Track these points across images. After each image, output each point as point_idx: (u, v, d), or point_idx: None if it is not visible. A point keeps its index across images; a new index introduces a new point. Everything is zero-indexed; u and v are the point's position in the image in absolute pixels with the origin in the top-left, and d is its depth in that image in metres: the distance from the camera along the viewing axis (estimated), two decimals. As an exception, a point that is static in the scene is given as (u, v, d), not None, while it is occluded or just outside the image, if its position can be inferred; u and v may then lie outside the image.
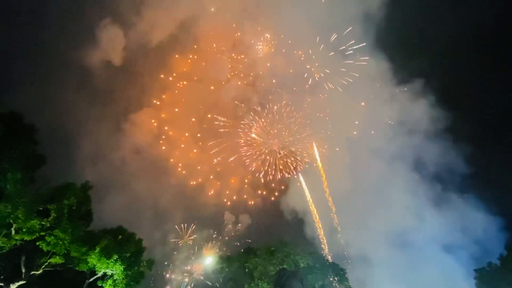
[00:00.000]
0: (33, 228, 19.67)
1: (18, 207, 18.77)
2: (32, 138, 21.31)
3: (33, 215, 19.50)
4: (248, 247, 36.60)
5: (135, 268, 24.03)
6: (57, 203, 20.61)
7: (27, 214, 19.13)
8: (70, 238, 21.03)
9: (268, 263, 32.62)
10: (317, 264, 33.62)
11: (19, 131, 20.20)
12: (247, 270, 33.52)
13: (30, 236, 19.75)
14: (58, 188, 21.22)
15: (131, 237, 24.82)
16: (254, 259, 33.23)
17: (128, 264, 23.28)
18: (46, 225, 20.19)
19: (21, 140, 20.05)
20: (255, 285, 31.91)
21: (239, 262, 34.47)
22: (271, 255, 33.13)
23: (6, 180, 18.70)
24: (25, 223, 19.29)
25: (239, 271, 34.35)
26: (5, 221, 18.83)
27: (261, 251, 34.16)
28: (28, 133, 20.79)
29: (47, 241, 20.54)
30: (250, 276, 33.17)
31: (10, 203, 18.62)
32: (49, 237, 20.54)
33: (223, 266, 36.07)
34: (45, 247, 20.74)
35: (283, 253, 32.98)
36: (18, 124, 20.63)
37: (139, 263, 24.58)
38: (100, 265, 22.26)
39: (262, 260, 32.82)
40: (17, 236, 19.51)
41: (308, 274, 32.78)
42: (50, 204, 20.54)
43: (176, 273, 45.31)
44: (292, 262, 32.83)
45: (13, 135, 19.89)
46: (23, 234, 19.55)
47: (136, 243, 25.13)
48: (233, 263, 35.31)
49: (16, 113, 21.18)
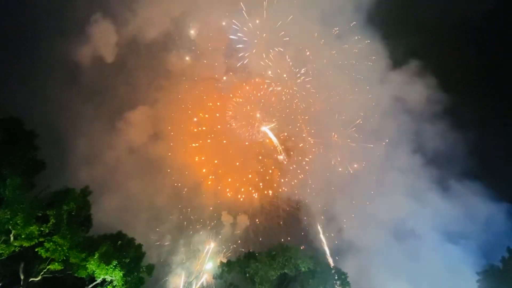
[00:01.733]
0: (32, 234, 19.56)
1: (17, 213, 18.67)
2: (32, 144, 21.36)
3: (32, 221, 19.40)
4: (249, 251, 36.37)
5: (135, 274, 23.82)
6: (56, 209, 20.54)
7: (26, 220, 19.03)
8: (69, 244, 20.87)
9: (269, 268, 32.40)
10: (318, 268, 33.40)
11: (19, 136, 20.23)
12: (248, 275, 33.29)
13: (29, 242, 19.64)
14: (57, 193, 21.16)
15: (130, 243, 24.70)
16: (254, 264, 33.02)
17: (128, 270, 23.07)
18: (45, 231, 20.10)
19: (21, 145, 20.06)
20: (256, 290, 31.72)
21: (239, 267, 34.24)
22: (272, 260, 32.91)
23: (5, 186, 18.66)
24: (24, 229, 19.19)
25: (240, 276, 34.10)
26: (4, 227, 18.71)
27: (261, 255, 33.97)
28: (28, 139, 20.82)
29: (46, 247, 20.41)
30: (251, 281, 32.94)
31: (9, 209, 18.54)
32: (48, 243, 20.40)
33: (223, 271, 35.83)
34: (44, 253, 20.59)
35: (284, 257, 32.77)
36: (18, 130, 20.69)
37: (138, 268, 24.39)
38: (99, 271, 22.06)
39: (263, 265, 32.59)
40: (16, 242, 19.39)
41: (310, 279, 32.55)
42: (49, 210, 20.47)
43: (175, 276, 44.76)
44: (293, 266, 32.63)
45: (13, 141, 19.90)
46: (22, 240, 19.44)
47: (136, 249, 24.99)
48: (233, 268, 35.08)
49: (16, 119, 21.28)
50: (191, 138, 54.66)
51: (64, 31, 44.92)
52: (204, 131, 55.07)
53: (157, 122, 52.68)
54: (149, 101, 52.51)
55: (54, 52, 43.71)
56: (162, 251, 46.89)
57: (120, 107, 49.79)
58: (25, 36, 43.80)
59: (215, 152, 54.62)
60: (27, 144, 20.44)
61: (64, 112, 45.15)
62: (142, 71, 51.90)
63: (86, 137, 46.15)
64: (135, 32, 48.47)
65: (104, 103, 49.24)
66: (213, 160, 54.78)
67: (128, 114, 49.63)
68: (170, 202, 49.78)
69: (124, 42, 48.89)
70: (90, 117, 47.59)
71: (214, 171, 54.41)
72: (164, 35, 50.42)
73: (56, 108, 43.70)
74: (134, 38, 49.16)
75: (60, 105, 44.53)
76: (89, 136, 46.65)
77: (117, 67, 49.48)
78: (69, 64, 46.03)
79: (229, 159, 54.68)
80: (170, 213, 50.05)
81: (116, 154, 48.08)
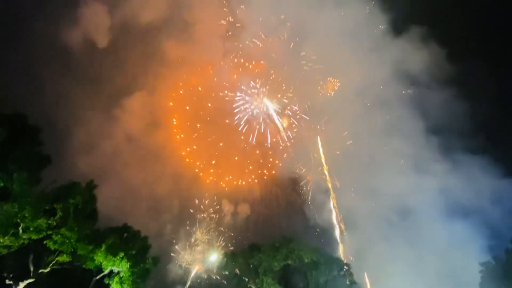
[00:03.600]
0: (40, 227, 19.95)
1: (25, 207, 19.03)
2: (37, 139, 21.57)
3: (39, 215, 19.77)
4: (252, 243, 36.82)
5: (141, 265, 24.36)
6: (63, 203, 20.87)
7: (34, 213, 19.40)
8: (77, 236, 21.32)
9: (272, 259, 32.83)
10: (321, 260, 33.77)
11: (24, 132, 20.41)
12: (252, 266, 33.78)
13: (37, 235, 20.05)
14: (63, 187, 21.48)
15: (136, 235, 25.15)
16: (258, 255, 33.47)
17: (134, 261, 23.58)
18: (53, 224, 20.47)
19: (26, 141, 20.26)
20: (259, 281, 32.18)
21: (243, 258, 34.73)
22: (275, 251, 33.33)
23: (12, 180, 18.97)
24: (32, 222, 19.57)
25: (244, 267, 34.61)
26: (13, 220, 19.09)
27: (265, 247, 34.39)
28: (33, 134, 21.02)
29: (54, 239, 20.87)
30: (254, 272, 33.44)
31: (17, 203, 18.88)
32: (56, 235, 20.84)
33: (227, 262, 36.34)
34: (52, 246, 21.07)
35: (288, 249, 33.16)
36: (22, 125, 20.87)
37: (144, 260, 24.89)
38: (106, 263, 22.61)
39: (266, 256, 33.04)
40: (24, 235, 19.79)
41: (313, 270, 32.97)
42: (56, 204, 20.81)
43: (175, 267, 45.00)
44: (296, 257, 33.02)
45: (18, 136, 20.09)
46: (30, 233, 19.84)
47: (142, 241, 25.46)
48: (237, 259, 35.59)
49: (20, 114, 21.44)
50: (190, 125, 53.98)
51: (56, 16, 43.35)
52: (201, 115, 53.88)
53: (154, 109, 51.66)
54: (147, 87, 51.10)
55: (48, 39, 42.27)
56: (163, 241, 47.02)
57: (118, 95, 48.32)
58: (18, 24, 42.32)
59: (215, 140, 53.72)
60: (31, 139, 20.65)
61: (62, 102, 43.95)
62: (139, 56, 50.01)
63: (85, 128, 45.27)
64: (129, 16, 46.82)
65: (102, 91, 47.96)
66: (212, 148, 54.10)
67: (126, 102, 48.36)
68: (171, 191, 49.51)
69: (118, 26, 47.03)
70: (88, 107, 46.47)
71: (212, 159, 53.70)
72: (159, 19, 48.63)
73: (53, 99, 42.56)
74: (128, 22, 47.39)
75: (58, 96, 43.39)
76: (88, 126, 45.82)
77: (112, 53, 47.39)
78: (63, 52, 44.33)
79: (228, 146, 54.06)
80: (171, 203, 49.78)
81: (115, 143, 47.17)
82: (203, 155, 53.77)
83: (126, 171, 47.10)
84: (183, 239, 47.68)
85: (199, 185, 52.11)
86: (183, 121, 53.98)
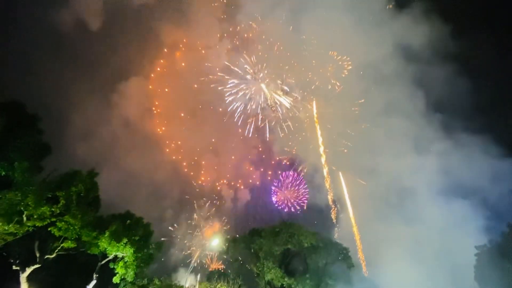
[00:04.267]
0: (43, 215, 20.23)
1: (28, 195, 19.23)
2: (36, 127, 21.48)
3: (42, 202, 19.99)
4: (253, 228, 37.48)
5: (145, 251, 24.89)
6: (66, 190, 21.04)
7: (37, 201, 19.60)
8: (80, 223, 21.63)
9: (273, 244, 33.51)
10: (320, 244, 34.42)
11: (23, 120, 20.29)
12: (253, 251, 34.51)
13: (41, 222, 20.37)
14: (65, 176, 21.59)
15: (139, 222, 25.50)
16: (259, 240, 34.13)
17: (138, 247, 24.07)
18: (56, 211, 20.72)
19: (25, 129, 20.17)
20: (260, 265, 33.01)
21: (244, 243, 35.44)
22: (275, 236, 33.96)
23: (14, 169, 19.05)
24: (35, 210, 19.82)
25: (245, 251, 35.37)
26: (16, 208, 19.34)
27: (266, 232, 35.00)
28: (32, 122, 20.90)
29: (58, 226, 21.19)
30: (255, 256, 34.21)
31: (19, 191, 19.06)
32: (60, 222, 21.15)
33: (229, 247, 37.10)
34: (57, 232, 21.44)
35: (288, 234, 33.77)
36: (21, 114, 20.71)
37: (148, 245, 25.40)
38: (110, 248, 23.08)
39: (267, 241, 33.70)
40: (29, 222, 20.11)
41: (312, 254, 33.68)
42: (59, 192, 20.98)
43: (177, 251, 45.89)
44: (296, 242, 33.67)
45: (17, 125, 19.99)
46: (34, 221, 20.15)
47: (145, 227, 25.86)
48: (239, 244, 36.32)
49: (18, 103, 21.25)
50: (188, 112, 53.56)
51: (50, 0, 42.69)
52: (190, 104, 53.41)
53: (150, 95, 51.53)
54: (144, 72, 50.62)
55: (41, 23, 41.33)
56: (164, 226, 47.74)
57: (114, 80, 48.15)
58: (12, 10, 41.51)
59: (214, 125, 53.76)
60: (31, 127, 20.55)
61: (58, 88, 43.39)
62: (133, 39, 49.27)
63: (82, 114, 45.08)
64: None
65: (98, 76, 47.43)
66: (211, 134, 54.20)
67: (122, 87, 48.35)
68: (171, 177, 49.83)
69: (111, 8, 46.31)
70: (84, 92, 46.06)
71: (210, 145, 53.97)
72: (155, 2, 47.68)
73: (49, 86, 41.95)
74: (123, 5, 46.66)
75: (53, 82, 42.79)
76: (85, 112, 45.53)
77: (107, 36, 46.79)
78: (57, 36, 43.61)
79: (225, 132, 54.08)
80: (171, 188, 50.25)
81: (113, 129, 47.30)
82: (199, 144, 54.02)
83: (126, 157, 47.32)
84: (184, 224, 48.57)
85: (198, 170, 52.57)
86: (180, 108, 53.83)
